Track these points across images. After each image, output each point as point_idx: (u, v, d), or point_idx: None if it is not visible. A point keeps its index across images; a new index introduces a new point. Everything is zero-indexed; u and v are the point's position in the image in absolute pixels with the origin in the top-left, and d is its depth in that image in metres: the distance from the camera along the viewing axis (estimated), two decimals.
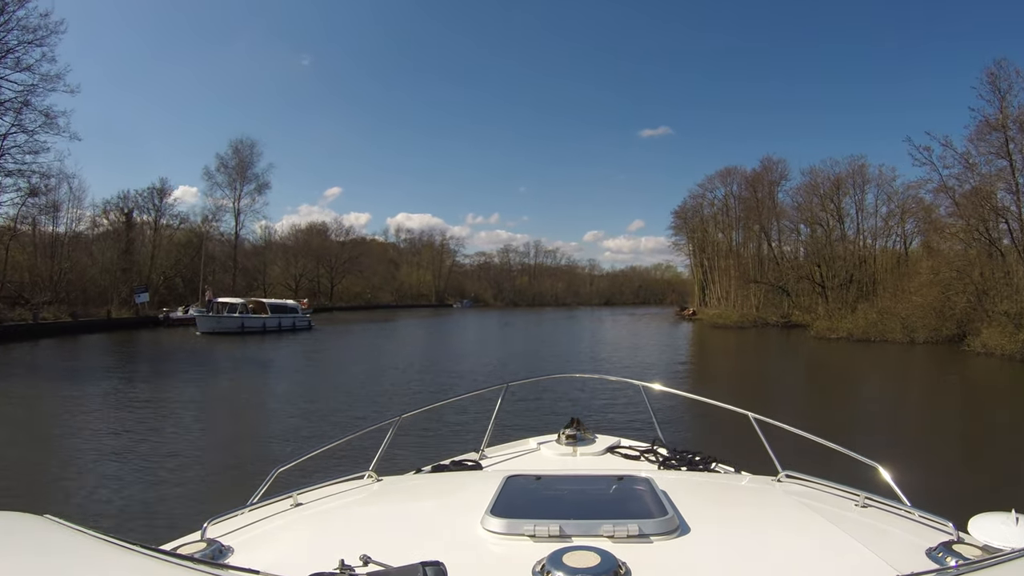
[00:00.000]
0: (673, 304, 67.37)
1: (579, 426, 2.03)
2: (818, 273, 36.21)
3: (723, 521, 1.13)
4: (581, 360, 18.02)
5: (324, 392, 11.47)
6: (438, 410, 4.57)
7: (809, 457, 1.62)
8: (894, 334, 24.25)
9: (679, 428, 7.38)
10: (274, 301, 31.55)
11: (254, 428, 8.35)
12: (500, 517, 0.99)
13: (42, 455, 6.47)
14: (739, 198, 48.57)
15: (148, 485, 5.39)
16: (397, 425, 1.82)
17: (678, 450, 1.89)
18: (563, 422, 2.09)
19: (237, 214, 55.82)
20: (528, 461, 1.86)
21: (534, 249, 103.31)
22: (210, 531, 1.09)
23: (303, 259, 68.08)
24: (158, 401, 10.13)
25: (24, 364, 16.06)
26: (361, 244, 77.60)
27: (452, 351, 21.36)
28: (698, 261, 53.61)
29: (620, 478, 1.22)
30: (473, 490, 1.33)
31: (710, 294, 50.94)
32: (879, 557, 0.91)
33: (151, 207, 45.81)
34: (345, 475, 1.49)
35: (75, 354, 18.66)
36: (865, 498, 1.23)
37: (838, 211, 38.29)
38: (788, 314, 36.52)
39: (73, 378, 12.83)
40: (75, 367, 15.25)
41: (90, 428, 7.91)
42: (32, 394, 11.03)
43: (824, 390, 13.31)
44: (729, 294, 46.50)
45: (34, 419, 8.77)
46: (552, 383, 9.45)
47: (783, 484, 1.40)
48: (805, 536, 1.04)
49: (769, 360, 20.34)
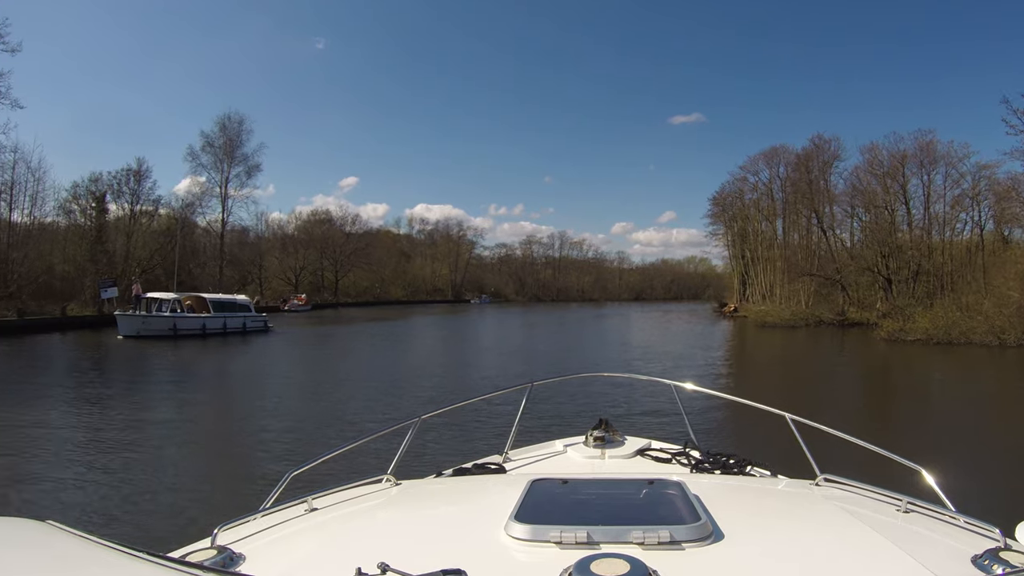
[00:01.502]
0: (711, 300, 66.09)
1: (607, 427, 2.10)
2: (883, 264, 34.47)
3: (759, 527, 1.16)
4: (611, 367, 16.89)
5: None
6: (460, 411, 4.71)
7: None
8: (978, 335, 22.78)
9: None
10: (218, 297, 28.24)
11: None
12: (525, 523, 1.02)
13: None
14: (788, 178, 46.97)
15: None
16: (417, 426, 1.90)
17: (712, 453, 1.97)
18: (591, 423, 2.16)
19: (224, 199, 52.83)
20: (554, 464, 1.94)
21: (559, 241, 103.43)
22: (221, 537, 1.12)
23: (304, 250, 66.82)
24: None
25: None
26: (369, 235, 77.53)
27: (454, 366, 17.55)
28: (738, 252, 52.41)
29: (651, 482, 1.27)
30: (496, 495, 1.39)
31: (752, 289, 49.84)
32: (922, 565, 0.93)
33: (127, 191, 43.17)
34: (362, 479, 1.54)
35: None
36: (908, 503, 1.26)
37: (904, 193, 36.46)
38: (843, 311, 35.30)
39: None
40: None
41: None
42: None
43: (929, 413, 11.09)
44: (774, 289, 45.35)
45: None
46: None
47: (822, 488, 1.43)
48: (845, 543, 1.07)
49: (843, 370, 17.80)
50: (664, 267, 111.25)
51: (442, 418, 2.38)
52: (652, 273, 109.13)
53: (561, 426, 5.66)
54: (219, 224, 53.55)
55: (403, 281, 79.93)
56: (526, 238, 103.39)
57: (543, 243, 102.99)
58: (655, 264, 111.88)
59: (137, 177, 43.55)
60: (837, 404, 11.40)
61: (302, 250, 67.07)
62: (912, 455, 1.50)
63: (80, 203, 39.71)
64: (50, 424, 8.56)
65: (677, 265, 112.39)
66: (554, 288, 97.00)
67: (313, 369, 16.64)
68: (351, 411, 9.87)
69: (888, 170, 36.83)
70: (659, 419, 7.21)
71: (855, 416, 10.15)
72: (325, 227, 71.48)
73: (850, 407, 11.38)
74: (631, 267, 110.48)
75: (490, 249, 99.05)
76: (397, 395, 11.42)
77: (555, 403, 8.42)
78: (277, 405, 10.58)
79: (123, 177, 43.00)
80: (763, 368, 18.83)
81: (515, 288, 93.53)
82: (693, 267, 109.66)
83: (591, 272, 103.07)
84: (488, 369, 16.30)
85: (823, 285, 38.74)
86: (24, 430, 7.97)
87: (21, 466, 6.40)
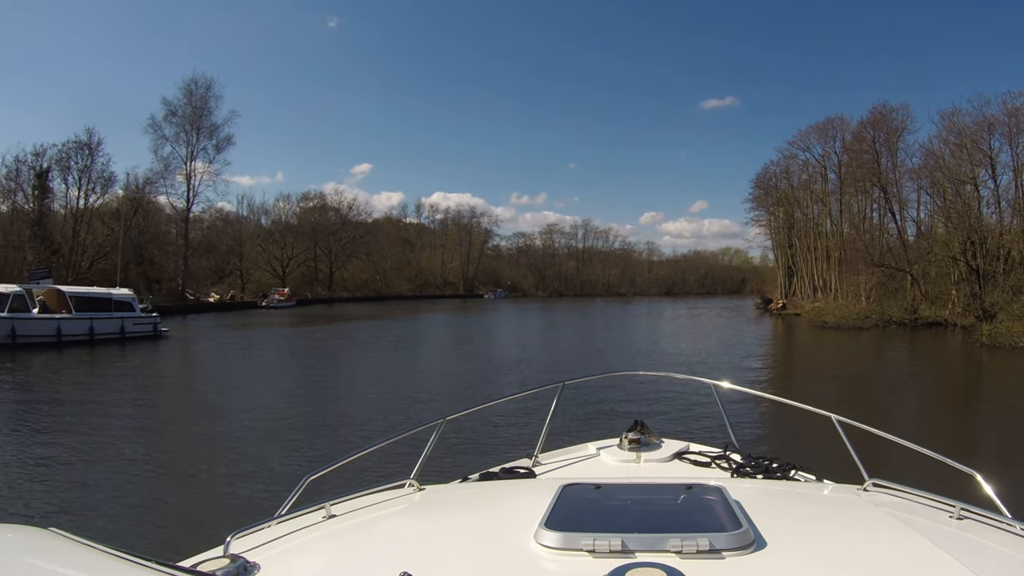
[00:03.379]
0: (753, 295, 64.98)
1: (643, 429, 2.20)
2: (970, 253, 31.75)
3: (803, 535, 1.21)
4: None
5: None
6: (487, 411, 4.87)
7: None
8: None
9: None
10: (83, 291, 23.27)
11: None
12: (556, 530, 1.06)
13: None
14: (847, 152, 44.92)
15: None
16: (442, 428, 1.99)
17: (753, 456, 2.07)
18: (625, 424, 2.27)
19: (189, 176, 49.48)
20: (586, 468, 2.05)
21: (583, 230, 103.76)
22: (234, 546, 1.18)
23: (293, 238, 65.17)
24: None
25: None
26: (368, 223, 77.11)
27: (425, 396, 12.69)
28: (783, 241, 51.58)
29: (689, 487, 1.32)
30: (526, 500, 1.46)
31: (800, 282, 49.00)
32: (976, 574, 0.97)
33: (75, 168, 40.14)
34: (384, 483, 1.61)
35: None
36: (961, 509, 1.32)
37: (992, 166, 33.97)
38: (914, 308, 33.85)
39: None
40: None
41: None
42: None
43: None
44: (828, 282, 44.31)
45: None
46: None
47: (870, 494, 1.50)
48: (895, 551, 1.11)
49: (964, 396, 14.23)
50: (697, 259, 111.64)
51: (468, 420, 2.54)
52: (684, 265, 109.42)
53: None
54: (196, 208, 50.86)
55: (408, 274, 79.69)
56: (547, 227, 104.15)
57: (565, 232, 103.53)
58: (687, 256, 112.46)
59: (88, 151, 40.52)
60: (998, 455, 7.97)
61: (291, 238, 65.34)
62: (967, 460, 1.59)
63: (17, 181, 37.11)
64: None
65: (711, 257, 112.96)
66: (577, 282, 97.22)
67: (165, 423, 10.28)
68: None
69: (971, 139, 34.17)
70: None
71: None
72: (317, 214, 69.77)
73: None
74: (661, 259, 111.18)
75: (507, 239, 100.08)
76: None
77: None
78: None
79: (71, 151, 39.88)
80: (849, 391, 14.44)
81: (534, 282, 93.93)
82: (728, 259, 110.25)
83: (618, 264, 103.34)
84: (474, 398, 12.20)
85: (891, 278, 37.35)
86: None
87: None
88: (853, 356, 22.43)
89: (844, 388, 14.82)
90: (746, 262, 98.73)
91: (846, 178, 44.70)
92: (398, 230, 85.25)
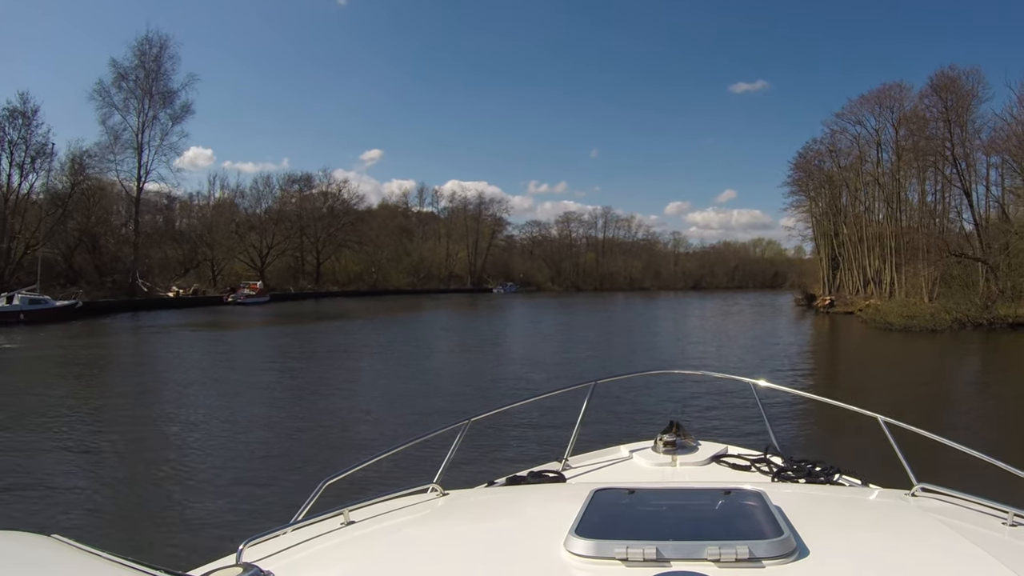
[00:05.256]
0: (788, 289, 64.16)
1: (679, 431, 2.32)
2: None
3: (848, 542, 1.27)
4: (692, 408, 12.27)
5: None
6: (514, 412, 5.02)
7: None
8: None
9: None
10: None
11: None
12: (587, 538, 1.11)
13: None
14: (903, 121, 43.10)
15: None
16: (466, 430, 2.10)
17: (795, 459, 2.18)
18: (659, 426, 2.39)
19: (140, 151, 46.57)
20: (619, 472, 2.16)
21: (603, 219, 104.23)
22: (247, 554, 1.22)
23: (273, 225, 63.90)
24: None
25: None
26: (359, 209, 76.15)
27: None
28: (827, 228, 50.66)
29: (727, 492, 1.39)
30: (555, 506, 1.56)
31: (846, 276, 48.30)
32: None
33: (7, 140, 38.02)
34: (405, 488, 1.69)
35: None
36: (1015, 515, 1.38)
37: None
38: (990, 306, 32.32)
39: None
40: None
41: None
42: None
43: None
44: (882, 276, 43.48)
45: None
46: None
47: (918, 499, 1.58)
48: (945, 560, 1.16)
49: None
50: (726, 250, 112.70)
51: (494, 421, 2.69)
52: (713, 258, 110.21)
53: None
54: (150, 187, 48.14)
55: (407, 266, 79.40)
56: (563, 215, 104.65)
57: (584, 221, 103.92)
58: (716, 247, 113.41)
59: (24, 120, 38.72)
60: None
61: (271, 224, 64.20)
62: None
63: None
64: None
65: (742, 248, 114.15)
66: (596, 275, 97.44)
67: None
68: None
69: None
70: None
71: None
72: (303, 198, 68.54)
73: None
74: (688, 251, 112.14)
75: (520, 228, 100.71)
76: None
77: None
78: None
79: (3, 120, 38.10)
80: (978, 425, 11.50)
81: (549, 275, 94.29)
82: (760, 251, 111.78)
83: (641, 256, 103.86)
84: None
85: (969, 270, 35.45)
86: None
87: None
88: (945, 369, 19.88)
89: (964, 421, 11.57)
90: (779, 254, 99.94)
91: (905, 155, 43.30)
92: (394, 217, 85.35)
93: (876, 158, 46.81)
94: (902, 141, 43.88)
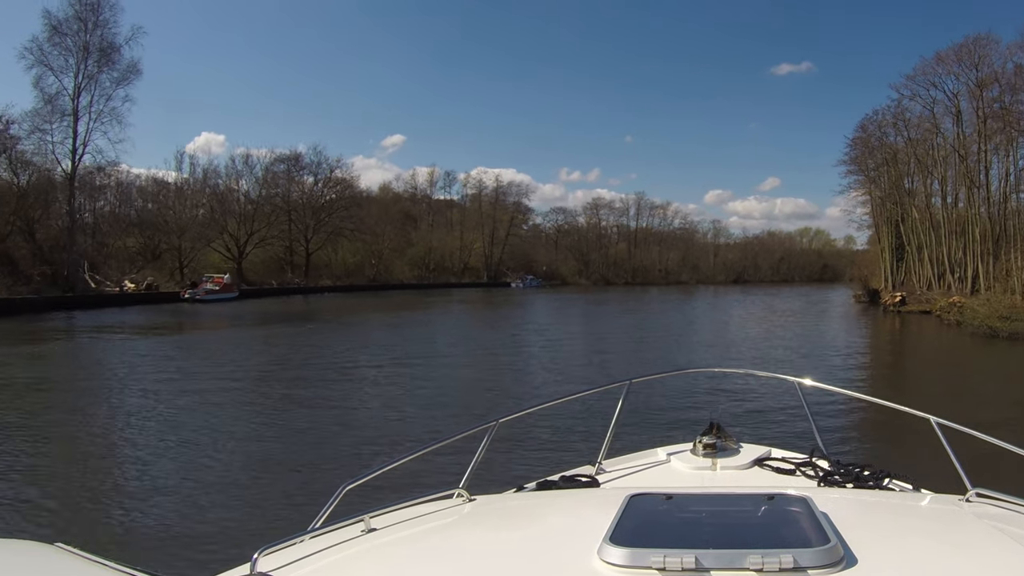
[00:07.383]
0: (841, 282, 61.42)
1: (719, 432, 2.30)
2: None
3: (898, 550, 1.23)
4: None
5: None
6: (545, 413, 5.03)
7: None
8: None
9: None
10: None
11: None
12: (622, 546, 1.09)
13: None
14: (985, 83, 37.35)
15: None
16: (494, 432, 2.05)
17: (842, 463, 2.15)
18: (699, 428, 2.36)
19: (76, 117, 39.97)
20: (656, 476, 2.14)
21: (635, 206, 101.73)
22: (262, 563, 1.19)
23: (252, 208, 58.11)
24: None
25: None
26: (356, 191, 70.45)
27: None
28: (893, 214, 47.12)
29: (770, 497, 1.36)
30: (588, 512, 1.54)
31: (916, 269, 44.64)
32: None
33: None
34: (429, 493, 1.65)
35: None
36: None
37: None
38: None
39: None
40: None
41: None
42: None
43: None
44: (965, 268, 39.34)
45: None
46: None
47: (972, 505, 1.54)
48: (1001, 570, 1.13)
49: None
50: (771, 241, 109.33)
51: (524, 422, 2.69)
52: (756, 249, 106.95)
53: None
54: (87, 161, 41.09)
55: (413, 257, 75.74)
56: (591, 202, 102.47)
57: (615, 209, 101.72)
58: (759, 237, 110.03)
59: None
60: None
61: (250, 208, 58.20)
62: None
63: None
64: None
65: (787, 239, 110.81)
66: (628, 267, 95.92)
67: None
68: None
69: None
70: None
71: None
72: (290, 180, 62.66)
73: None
74: (729, 241, 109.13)
75: (544, 216, 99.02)
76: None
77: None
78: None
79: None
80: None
81: (576, 267, 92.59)
82: (807, 241, 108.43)
83: (678, 247, 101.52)
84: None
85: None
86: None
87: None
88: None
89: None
90: (828, 244, 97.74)
91: (992, 122, 37.69)
92: (397, 202, 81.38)
93: (955, 130, 41.08)
94: (987, 108, 38.25)
